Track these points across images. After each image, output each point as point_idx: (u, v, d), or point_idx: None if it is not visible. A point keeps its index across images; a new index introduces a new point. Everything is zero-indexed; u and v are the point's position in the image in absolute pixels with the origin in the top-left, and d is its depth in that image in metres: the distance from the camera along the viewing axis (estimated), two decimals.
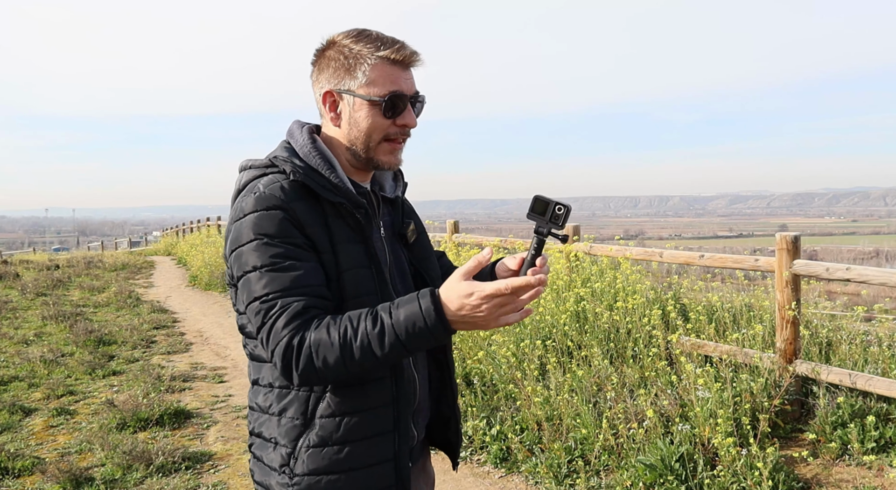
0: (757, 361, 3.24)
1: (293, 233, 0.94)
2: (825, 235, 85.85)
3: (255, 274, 0.93)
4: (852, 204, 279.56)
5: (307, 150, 1.02)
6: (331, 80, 1.02)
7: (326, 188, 0.98)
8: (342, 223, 1.00)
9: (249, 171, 1.03)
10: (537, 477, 2.95)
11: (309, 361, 0.90)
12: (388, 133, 1.01)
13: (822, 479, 2.74)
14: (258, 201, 0.95)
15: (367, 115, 1.00)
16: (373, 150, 1.02)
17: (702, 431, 2.80)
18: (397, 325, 0.88)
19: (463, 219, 7.94)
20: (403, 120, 1.01)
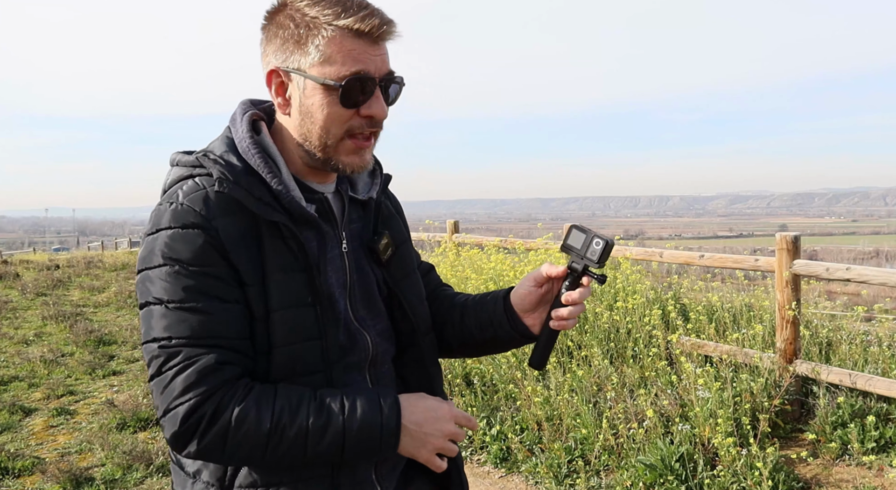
0: (757, 361, 3.24)
1: (213, 260, 0.74)
2: (825, 235, 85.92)
3: (158, 308, 0.74)
4: (852, 204, 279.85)
5: (245, 145, 0.80)
6: (277, 54, 0.78)
7: (263, 202, 0.76)
8: (281, 246, 0.78)
9: (176, 170, 0.82)
10: (537, 477, 2.95)
11: (219, 439, 0.72)
12: (351, 127, 0.78)
13: (822, 479, 2.74)
14: (174, 216, 0.75)
15: (322, 104, 0.76)
16: (332, 148, 0.79)
17: (702, 431, 2.80)
18: (348, 431, 0.74)
19: (463, 219, 7.96)
20: (369, 110, 0.77)
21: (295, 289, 0.78)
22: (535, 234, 5.37)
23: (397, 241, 0.92)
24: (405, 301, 0.90)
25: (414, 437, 0.78)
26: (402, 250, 0.93)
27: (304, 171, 0.83)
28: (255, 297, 0.76)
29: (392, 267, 0.90)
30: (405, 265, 0.93)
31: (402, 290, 0.90)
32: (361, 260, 0.87)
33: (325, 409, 0.74)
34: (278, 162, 0.81)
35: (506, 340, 0.93)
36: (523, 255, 4.93)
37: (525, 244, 5.03)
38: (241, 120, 0.82)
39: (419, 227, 6.88)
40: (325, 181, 0.85)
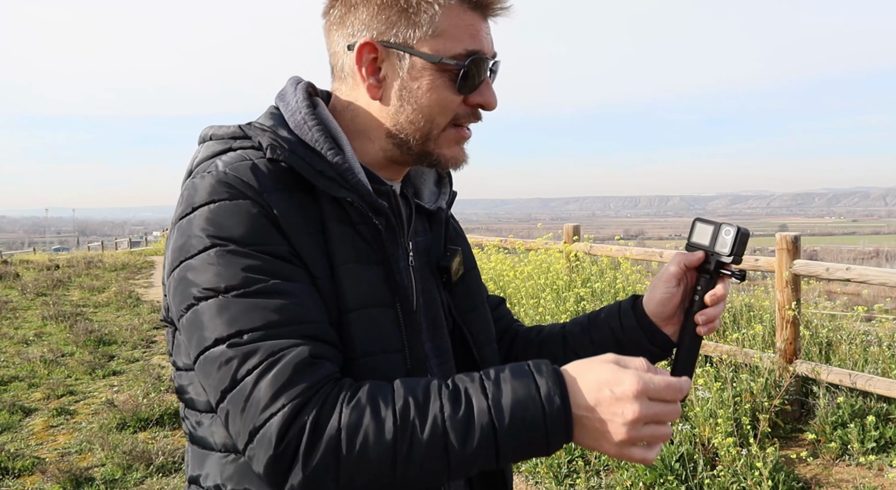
0: (757, 361, 3.24)
1: (274, 238, 0.59)
2: (825, 235, 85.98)
3: (213, 302, 0.56)
4: (852, 204, 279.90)
5: (300, 116, 0.65)
6: (373, 23, 0.63)
7: (326, 176, 0.62)
8: (350, 232, 0.63)
9: (209, 144, 0.66)
10: (537, 477, 2.95)
11: (330, 457, 0.52)
12: (457, 116, 0.65)
13: (822, 479, 2.74)
14: (216, 188, 0.59)
15: (432, 86, 0.63)
16: (434, 139, 0.65)
17: (702, 431, 2.80)
18: (497, 410, 0.53)
19: (463, 219, 7.91)
20: (482, 97, 0.65)
21: (372, 285, 0.62)
22: (535, 234, 5.37)
23: (467, 266, 0.76)
24: (472, 338, 0.72)
25: (588, 427, 0.55)
26: (471, 277, 0.77)
27: (377, 163, 0.68)
28: (325, 293, 0.60)
29: (459, 295, 0.74)
30: (474, 294, 0.76)
31: (468, 324, 0.73)
32: (429, 280, 0.71)
33: (462, 394, 0.55)
34: (341, 140, 0.66)
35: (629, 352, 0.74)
36: (523, 255, 4.93)
37: (525, 244, 5.03)
38: (294, 91, 0.68)
39: None
40: (393, 178, 0.70)
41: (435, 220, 0.75)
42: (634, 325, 0.75)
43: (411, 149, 0.67)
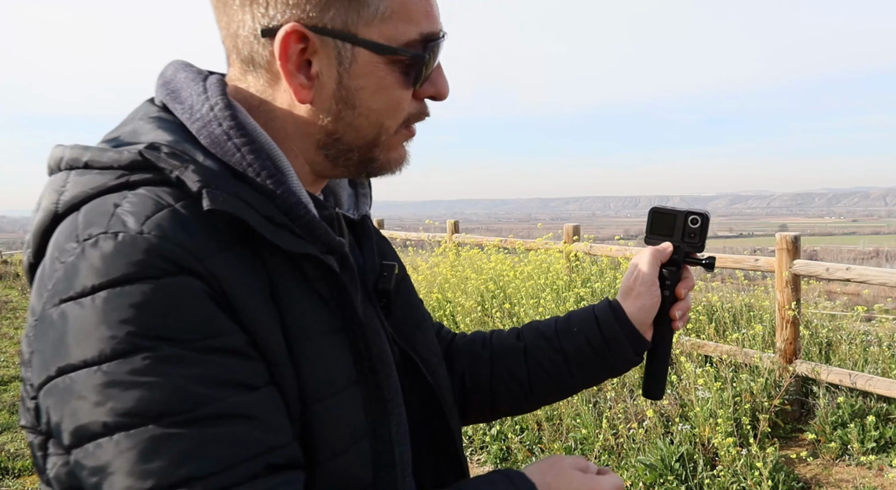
0: (757, 361, 3.24)
1: (225, 326, 0.42)
2: (825, 235, 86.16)
3: (139, 435, 0.38)
4: (852, 204, 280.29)
5: (220, 130, 0.47)
6: (299, 4, 0.47)
7: (275, 222, 0.46)
8: (306, 293, 0.48)
9: (87, 178, 0.45)
10: None
11: None
12: (409, 115, 0.52)
13: (822, 480, 2.75)
14: (131, 258, 0.40)
15: (382, 84, 0.49)
16: (382, 146, 0.52)
17: (702, 431, 2.80)
18: None
19: (463, 219, 7.93)
20: (435, 87, 0.52)
21: (337, 361, 0.48)
22: (535, 234, 5.37)
23: (399, 276, 0.60)
24: (423, 365, 0.59)
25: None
26: (406, 288, 0.63)
27: (306, 180, 0.53)
28: (286, 386, 0.44)
29: (400, 316, 0.59)
30: (415, 310, 0.63)
31: (416, 349, 0.59)
32: (368, 311, 0.55)
33: None
34: (280, 162, 0.49)
35: (613, 370, 0.68)
36: (523, 255, 4.93)
37: (525, 244, 5.03)
38: (202, 88, 0.48)
39: (419, 227, 6.88)
40: (318, 191, 0.56)
41: (362, 231, 0.59)
42: (618, 334, 0.66)
43: (351, 160, 0.51)
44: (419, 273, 5.01)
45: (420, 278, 4.93)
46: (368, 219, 0.61)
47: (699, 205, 67.53)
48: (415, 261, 5.42)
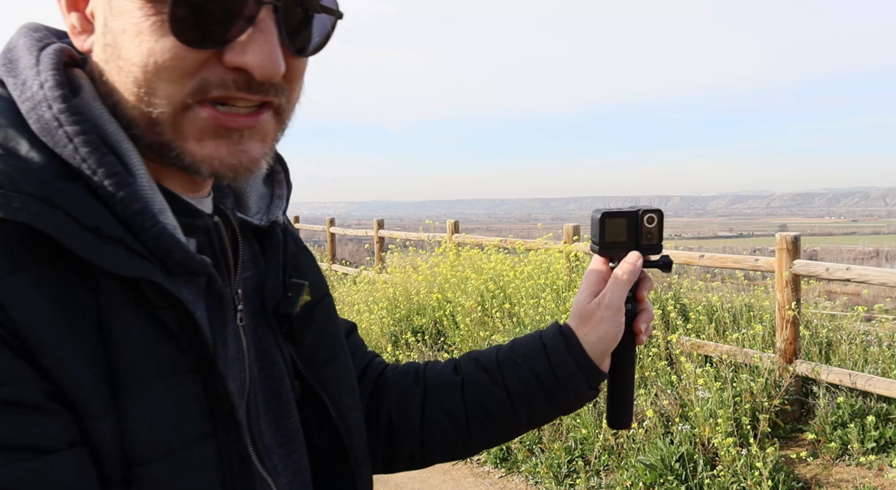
0: (757, 361, 3.24)
1: (11, 370, 0.34)
2: (825, 235, 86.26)
3: None
4: (852, 204, 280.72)
5: (49, 114, 0.38)
6: None
7: (104, 235, 0.37)
8: (147, 324, 0.39)
9: None
10: (537, 477, 2.95)
11: None
12: (206, 82, 0.39)
13: (822, 479, 2.74)
14: None
15: (140, 29, 0.38)
16: (169, 124, 0.39)
17: (702, 431, 2.80)
18: None
19: (463, 219, 7.94)
20: (241, 55, 0.38)
21: (182, 411, 0.38)
22: (535, 234, 5.37)
23: (316, 297, 0.52)
24: (332, 405, 0.50)
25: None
26: (322, 311, 0.53)
27: (158, 171, 0.42)
28: (105, 443, 0.35)
29: (309, 344, 0.50)
30: (329, 337, 0.53)
31: (325, 385, 0.50)
32: (265, 337, 0.48)
33: None
34: (128, 157, 0.40)
35: (565, 408, 0.60)
36: (523, 255, 4.93)
37: (525, 244, 5.03)
38: (35, 58, 0.40)
39: (419, 227, 6.88)
40: (198, 191, 0.45)
41: (269, 240, 0.49)
42: (570, 367, 0.58)
43: (141, 139, 0.40)
44: (419, 273, 5.01)
45: (420, 278, 4.93)
46: (278, 226, 0.50)
47: (698, 205, 65.25)
48: (415, 261, 5.41)
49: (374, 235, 7.20)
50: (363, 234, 8.71)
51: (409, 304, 4.77)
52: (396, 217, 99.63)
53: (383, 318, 4.62)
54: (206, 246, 0.45)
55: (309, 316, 0.50)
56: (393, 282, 5.15)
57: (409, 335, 4.35)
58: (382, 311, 4.65)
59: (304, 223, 10.30)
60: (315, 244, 10.64)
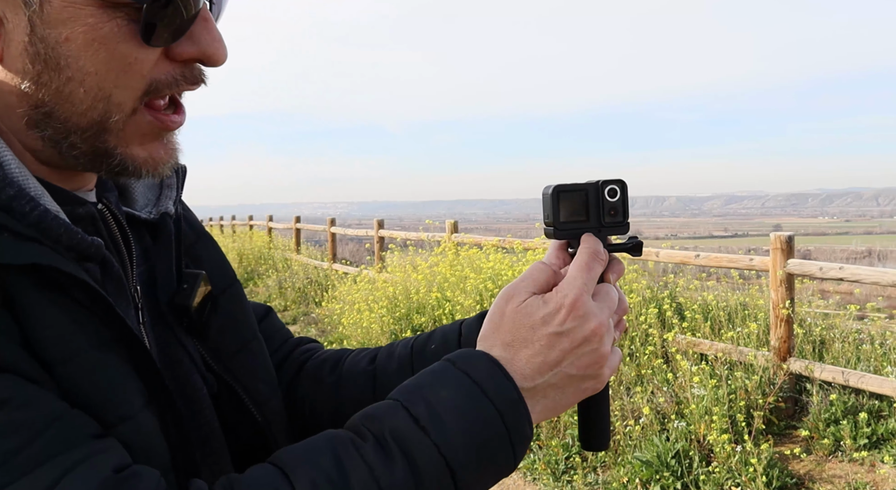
0: (751, 359, 3.29)
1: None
2: (819, 235, 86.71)
3: None
4: (845, 204, 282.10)
5: None
6: None
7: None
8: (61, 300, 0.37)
9: None
10: (535, 473, 2.98)
11: None
12: (156, 83, 0.39)
13: (816, 475, 2.79)
14: None
15: (97, 34, 0.37)
16: (115, 131, 0.39)
17: (697, 428, 2.84)
18: (448, 443, 0.38)
19: (462, 219, 7.86)
20: (199, 46, 0.40)
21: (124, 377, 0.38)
22: (533, 234, 5.42)
23: (220, 286, 0.49)
24: (247, 396, 0.48)
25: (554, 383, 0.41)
26: (227, 300, 0.50)
27: (39, 169, 0.41)
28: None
29: (215, 334, 0.48)
30: (238, 325, 0.50)
31: (238, 375, 0.48)
32: (164, 335, 0.46)
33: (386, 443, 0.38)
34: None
35: None
36: (521, 255, 4.97)
37: (523, 244, 5.06)
38: None
39: (419, 227, 6.91)
40: (81, 186, 0.44)
41: (160, 232, 0.47)
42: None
43: (77, 148, 0.38)
44: (419, 272, 5.04)
45: (419, 277, 4.95)
46: (170, 217, 0.47)
47: (694, 205, 60.44)
48: (414, 260, 5.44)
49: (375, 235, 7.23)
50: (363, 234, 8.73)
51: (409, 302, 4.80)
52: (396, 217, 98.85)
53: (383, 316, 4.64)
54: (96, 233, 0.42)
55: (212, 306, 0.47)
56: (393, 281, 5.17)
57: (408, 334, 4.38)
58: (382, 309, 4.68)
59: (305, 223, 10.30)
60: (316, 244, 10.66)
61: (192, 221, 0.52)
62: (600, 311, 0.43)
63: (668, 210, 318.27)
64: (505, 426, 0.39)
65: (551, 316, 0.42)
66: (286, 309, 6.97)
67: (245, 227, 13.37)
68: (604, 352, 0.42)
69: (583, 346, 0.42)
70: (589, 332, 0.42)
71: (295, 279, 7.49)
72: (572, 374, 0.42)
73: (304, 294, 7.12)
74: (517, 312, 0.42)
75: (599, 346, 0.42)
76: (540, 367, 0.41)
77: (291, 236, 10.14)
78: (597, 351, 0.42)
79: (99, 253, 0.40)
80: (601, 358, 0.42)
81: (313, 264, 8.09)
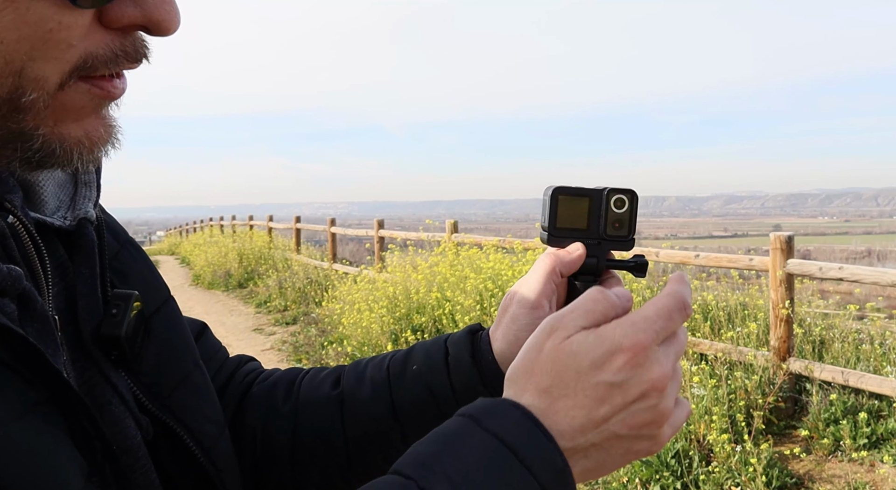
0: (751, 359, 3.29)
1: None
2: (818, 235, 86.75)
3: None
4: (845, 204, 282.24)
5: None
6: None
7: None
8: None
9: None
10: None
11: None
12: (92, 55, 0.30)
13: (815, 475, 2.80)
14: None
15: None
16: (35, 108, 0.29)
17: (697, 428, 2.85)
18: None
19: (462, 219, 7.86)
20: (143, 9, 0.30)
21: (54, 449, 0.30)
22: (533, 234, 5.42)
23: (152, 305, 0.41)
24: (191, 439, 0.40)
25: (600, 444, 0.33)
26: (161, 322, 0.41)
27: None
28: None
29: (149, 368, 0.39)
30: (177, 353, 0.42)
31: (178, 414, 0.40)
32: (88, 372, 0.36)
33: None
34: None
35: None
36: (521, 255, 4.97)
37: (523, 244, 5.07)
38: None
39: (419, 227, 6.91)
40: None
41: (79, 243, 0.38)
42: (473, 382, 0.43)
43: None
44: (419, 272, 5.04)
45: (420, 277, 4.96)
46: (90, 224, 0.38)
47: (694, 205, 57.82)
48: (414, 260, 5.45)
49: (375, 235, 7.23)
50: (363, 234, 8.73)
51: (409, 302, 4.80)
52: (396, 217, 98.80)
53: (383, 316, 4.65)
54: (3, 258, 0.32)
55: (144, 331, 0.38)
56: (393, 281, 5.18)
57: (408, 333, 4.39)
58: (383, 309, 4.68)
59: (305, 223, 10.31)
60: (316, 244, 10.67)
61: (112, 227, 0.42)
62: (665, 358, 0.33)
63: (667, 210, 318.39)
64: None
65: (605, 360, 0.32)
66: (286, 309, 6.97)
67: (245, 227, 13.39)
68: (664, 408, 0.33)
69: (639, 401, 0.32)
70: (648, 386, 0.32)
71: (295, 279, 7.49)
72: (622, 435, 0.33)
73: (304, 294, 7.12)
74: (560, 351, 0.33)
75: (660, 402, 0.33)
76: (583, 425, 0.32)
77: (291, 236, 10.15)
78: (655, 408, 0.33)
79: (17, 286, 0.30)
80: (660, 416, 0.33)
81: (313, 264, 8.10)
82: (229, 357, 0.52)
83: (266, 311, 7.17)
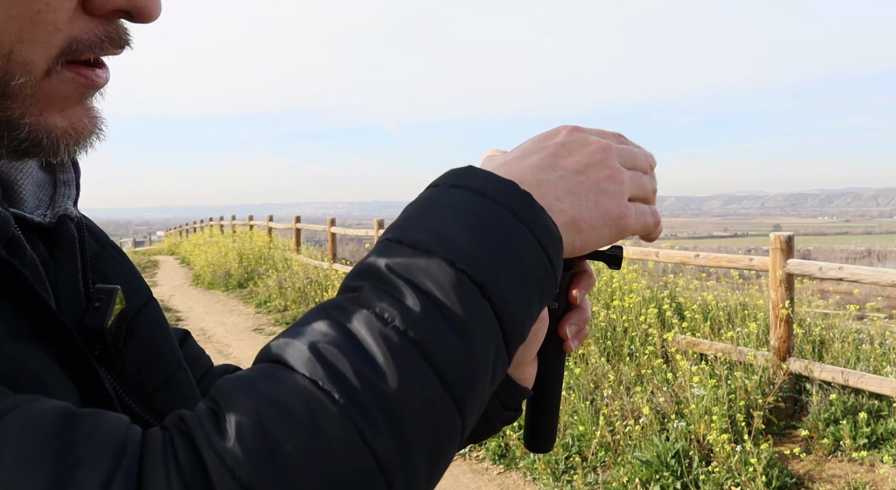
0: (751, 359, 3.29)
1: None
2: (818, 235, 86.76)
3: None
4: (845, 204, 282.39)
5: None
6: None
7: None
8: None
9: None
10: (535, 473, 2.99)
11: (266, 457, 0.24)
12: (75, 42, 0.30)
13: (815, 475, 2.80)
14: None
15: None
16: (22, 96, 0.29)
17: (697, 428, 2.85)
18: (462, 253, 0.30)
19: None
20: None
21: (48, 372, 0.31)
22: None
23: (135, 304, 0.41)
24: None
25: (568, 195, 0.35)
26: (144, 321, 0.41)
27: None
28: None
29: (133, 365, 0.39)
30: (161, 352, 0.42)
31: (162, 416, 0.34)
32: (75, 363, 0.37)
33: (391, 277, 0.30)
34: None
35: (472, 435, 0.45)
36: None
37: None
38: None
39: None
40: None
41: (59, 239, 0.38)
42: None
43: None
44: None
45: None
46: (70, 221, 0.38)
47: (694, 205, 57.24)
48: None
49: (375, 235, 7.24)
50: (363, 234, 8.74)
51: None
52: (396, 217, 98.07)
53: None
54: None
55: (126, 331, 0.37)
56: None
57: None
58: None
59: (305, 223, 10.31)
60: (316, 244, 10.67)
61: (92, 229, 0.42)
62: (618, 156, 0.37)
63: (667, 210, 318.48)
64: (522, 222, 0.31)
65: (557, 131, 0.37)
66: (286, 309, 6.97)
67: (245, 227, 13.39)
68: (616, 166, 0.36)
69: (590, 156, 0.36)
70: (595, 147, 0.36)
71: (295, 279, 7.49)
72: (583, 182, 0.35)
73: (304, 294, 7.12)
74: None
75: (608, 158, 0.36)
76: (539, 165, 0.35)
77: (291, 236, 10.15)
78: (605, 163, 0.36)
79: (5, 230, 0.31)
80: (616, 172, 0.36)
81: (313, 264, 8.10)
82: (214, 366, 0.52)
83: (266, 311, 7.17)
